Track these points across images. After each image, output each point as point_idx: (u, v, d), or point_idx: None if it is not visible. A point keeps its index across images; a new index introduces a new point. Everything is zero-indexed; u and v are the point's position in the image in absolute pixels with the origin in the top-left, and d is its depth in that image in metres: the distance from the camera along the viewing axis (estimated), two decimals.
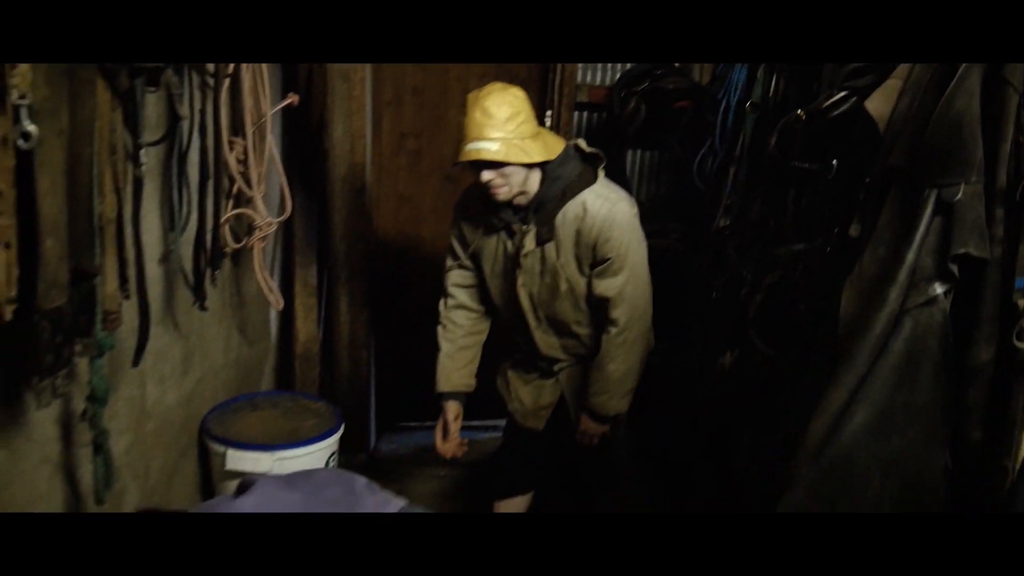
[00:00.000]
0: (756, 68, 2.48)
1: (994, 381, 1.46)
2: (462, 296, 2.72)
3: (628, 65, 3.87)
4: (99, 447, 1.82)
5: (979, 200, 1.42)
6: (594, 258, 2.45)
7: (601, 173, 2.47)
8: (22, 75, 1.22)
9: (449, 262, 2.72)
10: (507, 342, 2.80)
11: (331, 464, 2.83)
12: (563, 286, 2.50)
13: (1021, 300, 1.38)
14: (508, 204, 2.43)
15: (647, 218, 2.46)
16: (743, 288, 2.26)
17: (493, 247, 2.58)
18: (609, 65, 3.97)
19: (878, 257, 1.61)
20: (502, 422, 2.96)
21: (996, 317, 1.42)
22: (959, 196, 1.41)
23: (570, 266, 2.47)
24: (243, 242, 2.62)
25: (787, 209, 2.14)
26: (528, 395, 2.79)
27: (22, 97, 1.24)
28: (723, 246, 2.52)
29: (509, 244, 2.53)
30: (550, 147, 2.37)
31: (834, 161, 1.82)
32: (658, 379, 3.45)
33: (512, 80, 4.01)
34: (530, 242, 2.47)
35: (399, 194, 4.17)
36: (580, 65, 3.94)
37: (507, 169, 2.32)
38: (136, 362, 2.06)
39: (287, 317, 3.63)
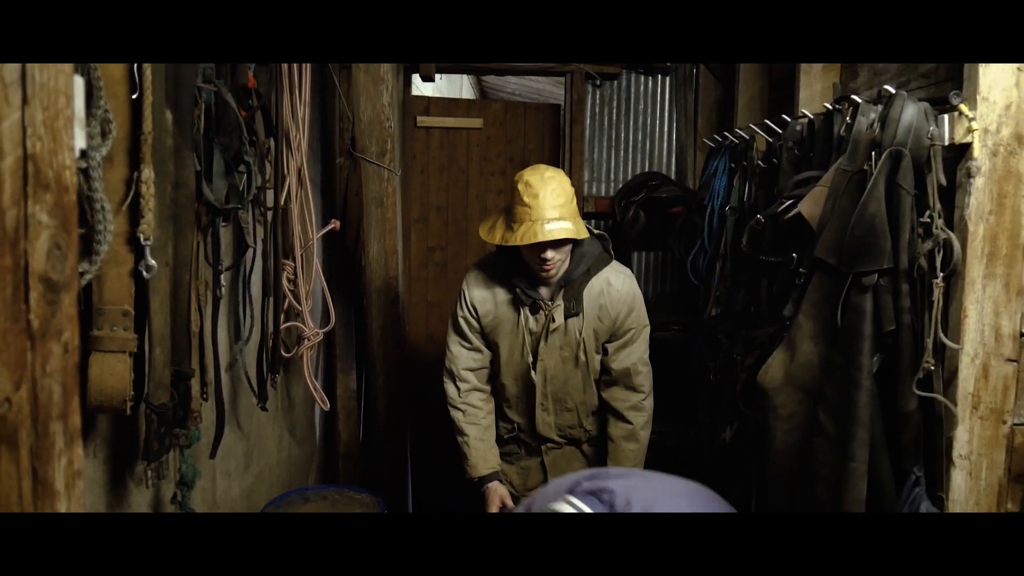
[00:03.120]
0: (733, 176, 2.86)
1: (922, 425, 1.77)
2: (473, 379, 2.73)
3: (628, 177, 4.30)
4: None
5: (888, 284, 1.77)
6: (612, 332, 2.58)
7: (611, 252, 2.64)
8: (148, 223, 1.59)
9: (456, 347, 2.71)
10: (497, 419, 2.82)
11: None
12: (580, 361, 2.60)
13: (927, 359, 1.69)
14: (545, 280, 2.52)
15: (652, 312, 2.77)
16: (735, 368, 2.57)
17: (513, 323, 2.62)
18: (611, 178, 4.37)
19: (809, 329, 1.97)
20: None
21: (913, 372, 1.72)
22: (876, 280, 1.75)
23: (589, 340, 2.58)
24: (292, 351, 2.95)
25: (761, 296, 2.48)
26: (517, 476, 2.85)
27: (147, 239, 1.61)
28: (715, 332, 2.85)
29: (532, 320, 2.59)
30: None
31: (793, 254, 2.16)
32: (671, 460, 3.70)
33: None
34: (559, 316, 2.56)
35: (428, 301, 4.54)
36: (586, 178, 4.35)
37: (566, 247, 2.44)
38: (212, 455, 2.39)
39: (330, 419, 3.93)
